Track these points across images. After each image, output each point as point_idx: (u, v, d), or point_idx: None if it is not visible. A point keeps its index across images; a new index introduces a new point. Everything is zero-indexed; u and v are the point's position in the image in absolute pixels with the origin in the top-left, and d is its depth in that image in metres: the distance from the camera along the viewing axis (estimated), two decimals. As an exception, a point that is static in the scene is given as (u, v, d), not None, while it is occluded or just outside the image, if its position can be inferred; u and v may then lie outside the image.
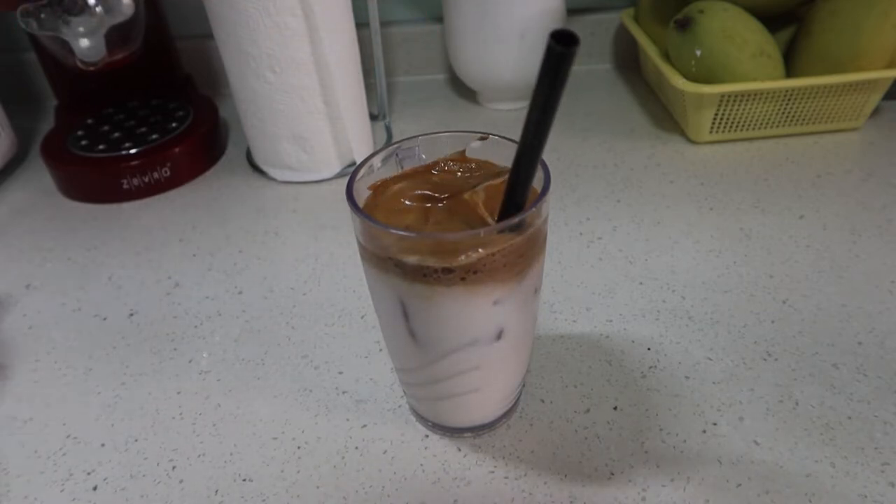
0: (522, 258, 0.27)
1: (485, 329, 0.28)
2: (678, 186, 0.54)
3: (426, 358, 0.30)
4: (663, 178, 0.55)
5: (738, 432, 0.34)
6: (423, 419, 0.35)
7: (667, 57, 0.60)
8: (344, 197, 0.28)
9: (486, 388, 0.32)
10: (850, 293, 0.42)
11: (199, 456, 0.35)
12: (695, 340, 0.40)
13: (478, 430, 0.35)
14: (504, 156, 0.31)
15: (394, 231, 0.26)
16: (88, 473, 0.35)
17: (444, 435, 0.35)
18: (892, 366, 0.37)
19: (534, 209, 0.26)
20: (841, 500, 0.31)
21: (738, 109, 0.56)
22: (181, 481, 0.34)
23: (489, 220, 0.27)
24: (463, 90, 0.72)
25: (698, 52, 0.55)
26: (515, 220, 0.26)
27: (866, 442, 0.33)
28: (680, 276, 0.44)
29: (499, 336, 0.29)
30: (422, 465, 0.34)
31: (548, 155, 0.28)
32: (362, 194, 0.30)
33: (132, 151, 0.58)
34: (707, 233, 0.48)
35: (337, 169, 0.58)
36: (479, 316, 0.28)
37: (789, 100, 0.56)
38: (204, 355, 0.41)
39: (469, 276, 0.26)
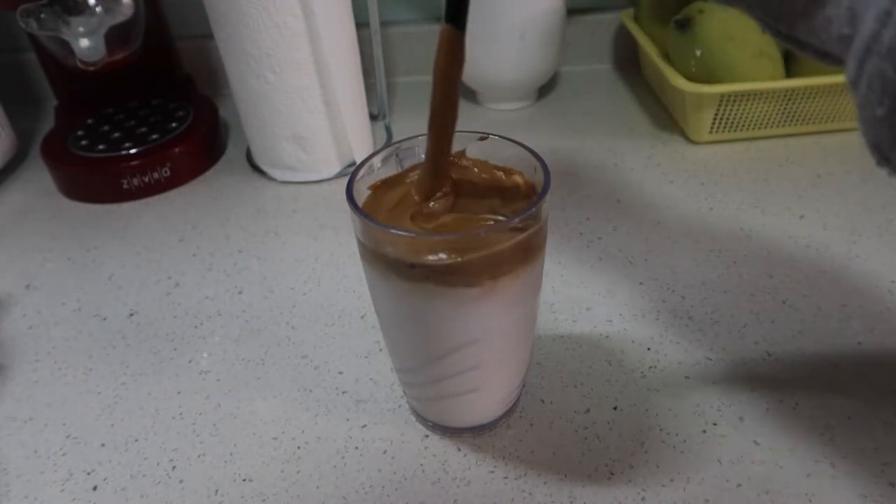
0: (522, 258, 0.27)
1: (484, 329, 0.28)
2: (678, 186, 0.54)
3: (426, 358, 0.30)
4: (663, 178, 0.55)
5: (738, 432, 0.34)
6: (423, 419, 0.35)
7: (667, 57, 0.60)
8: (344, 197, 0.28)
9: (486, 387, 0.32)
10: (850, 293, 0.42)
11: (199, 456, 0.35)
12: (695, 340, 0.40)
13: (478, 430, 0.35)
14: (504, 156, 0.31)
15: (394, 231, 0.26)
16: (88, 473, 0.35)
17: (444, 435, 0.35)
18: (892, 366, 0.37)
19: (534, 209, 0.26)
20: (841, 500, 0.31)
21: (738, 109, 0.56)
22: (181, 481, 0.34)
23: (488, 219, 0.27)
24: (463, 90, 0.72)
25: (698, 52, 0.55)
26: (516, 220, 0.26)
27: (866, 442, 0.33)
28: (680, 276, 0.44)
29: (498, 336, 0.29)
30: (422, 465, 0.34)
31: (548, 155, 0.28)
32: (362, 194, 0.30)
33: (132, 151, 0.58)
34: (707, 233, 0.48)
35: (337, 169, 0.58)
36: (478, 316, 0.28)
37: (789, 100, 0.56)
38: (204, 355, 0.41)
39: (469, 276, 0.26)
